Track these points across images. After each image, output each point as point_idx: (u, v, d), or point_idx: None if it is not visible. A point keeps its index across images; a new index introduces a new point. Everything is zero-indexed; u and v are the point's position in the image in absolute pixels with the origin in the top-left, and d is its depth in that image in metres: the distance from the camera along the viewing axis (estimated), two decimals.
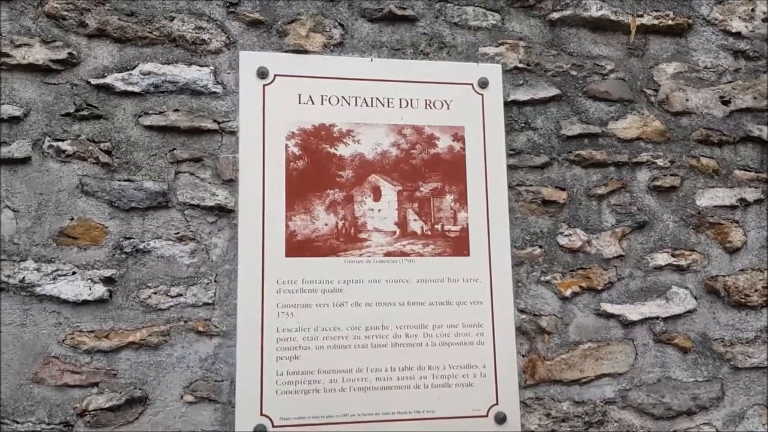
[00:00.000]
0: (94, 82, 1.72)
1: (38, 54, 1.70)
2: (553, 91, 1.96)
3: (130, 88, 1.74)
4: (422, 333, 1.76)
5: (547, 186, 1.93)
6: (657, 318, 1.91)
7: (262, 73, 1.80)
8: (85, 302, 1.64)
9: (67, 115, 1.70)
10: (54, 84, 1.71)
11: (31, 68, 1.70)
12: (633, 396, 1.87)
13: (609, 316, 1.89)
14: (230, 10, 1.83)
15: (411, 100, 1.88)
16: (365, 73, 1.87)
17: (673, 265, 1.95)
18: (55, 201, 1.67)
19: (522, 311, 1.85)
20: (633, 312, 1.90)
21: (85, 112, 1.71)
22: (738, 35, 2.11)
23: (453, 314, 1.79)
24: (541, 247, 1.90)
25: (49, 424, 1.58)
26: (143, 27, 1.77)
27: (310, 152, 1.79)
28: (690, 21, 2.08)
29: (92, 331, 1.64)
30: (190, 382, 1.67)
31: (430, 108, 1.89)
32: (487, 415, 1.76)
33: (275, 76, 1.81)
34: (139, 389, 1.64)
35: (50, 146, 1.68)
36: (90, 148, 1.70)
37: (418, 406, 1.73)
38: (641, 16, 2.04)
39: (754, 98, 2.09)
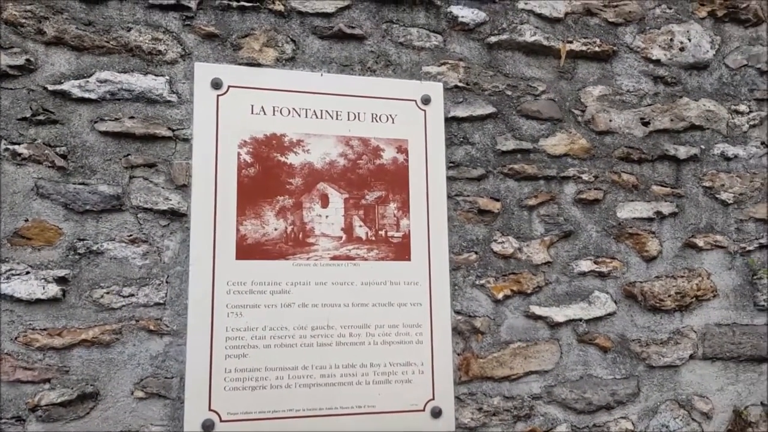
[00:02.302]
0: (51, 88, 1.78)
1: None
2: (490, 109, 2.11)
3: (86, 95, 1.80)
4: (365, 332, 1.87)
5: (483, 197, 2.07)
6: (580, 320, 2.08)
7: (216, 84, 1.88)
8: (39, 301, 1.69)
9: (24, 119, 1.75)
10: (11, 89, 1.75)
11: None
12: (558, 392, 2.03)
13: (537, 317, 2.05)
14: (186, 23, 1.91)
15: (358, 113, 1.99)
16: (315, 86, 1.97)
17: (595, 271, 2.12)
18: (10, 203, 1.71)
19: (458, 312, 1.99)
20: (559, 314, 2.06)
21: (41, 117, 1.76)
22: (658, 62, 2.31)
23: (394, 315, 1.90)
24: (476, 253, 2.04)
25: (0, 418, 1.62)
26: (101, 36, 1.83)
27: (261, 160, 1.88)
28: (615, 48, 2.26)
29: (45, 329, 1.69)
30: (141, 378, 1.73)
31: (377, 121, 2.00)
32: (424, 410, 1.88)
33: (229, 87, 1.90)
34: (91, 385, 1.70)
35: (6, 149, 1.72)
36: (46, 151, 1.75)
37: (359, 401, 1.84)
38: (571, 42, 2.21)
39: (671, 120, 2.28)
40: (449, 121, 2.07)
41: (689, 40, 2.34)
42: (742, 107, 2.35)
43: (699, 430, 2.14)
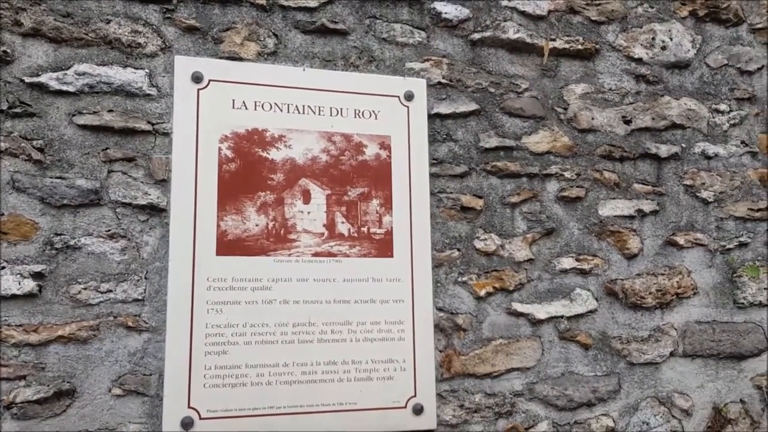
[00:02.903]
0: (28, 80, 1.74)
1: None
2: (473, 106, 2.11)
3: (64, 88, 1.77)
4: (347, 329, 1.86)
5: (466, 194, 2.07)
6: (562, 317, 2.08)
7: (197, 78, 1.86)
8: (14, 296, 1.66)
9: (0, 111, 1.72)
10: None
11: None
12: (539, 389, 2.03)
13: (519, 314, 2.05)
14: (166, 16, 1.89)
15: (341, 109, 1.98)
16: (298, 81, 1.96)
17: (577, 268, 2.13)
18: None
19: (440, 309, 1.98)
20: (540, 311, 2.07)
21: (18, 110, 1.73)
22: (639, 61, 2.32)
23: (376, 312, 1.89)
24: (459, 250, 2.03)
25: None
26: (79, 28, 1.80)
27: (242, 155, 1.86)
28: (597, 46, 2.27)
29: (20, 325, 1.66)
30: (119, 375, 1.71)
31: (359, 117, 1.99)
32: (405, 407, 1.88)
33: (210, 81, 1.88)
34: (67, 382, 1.67)
35: None
36: (22, 145, 1.72)
37: (341, 398, 1.83)
38: (554, 40, 2.22)
39: (653, 119, 2.30)
40: (432, 117, 2.07)
41: (671, 39, 2.36)
42: (723, 106, 2.37)
43: (679, 427, 2.15)
